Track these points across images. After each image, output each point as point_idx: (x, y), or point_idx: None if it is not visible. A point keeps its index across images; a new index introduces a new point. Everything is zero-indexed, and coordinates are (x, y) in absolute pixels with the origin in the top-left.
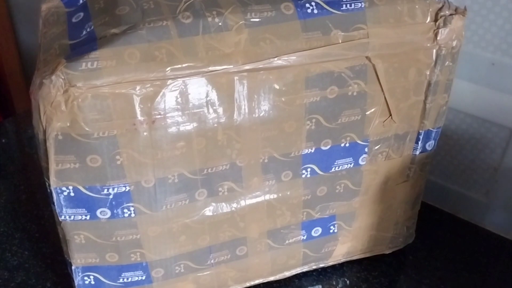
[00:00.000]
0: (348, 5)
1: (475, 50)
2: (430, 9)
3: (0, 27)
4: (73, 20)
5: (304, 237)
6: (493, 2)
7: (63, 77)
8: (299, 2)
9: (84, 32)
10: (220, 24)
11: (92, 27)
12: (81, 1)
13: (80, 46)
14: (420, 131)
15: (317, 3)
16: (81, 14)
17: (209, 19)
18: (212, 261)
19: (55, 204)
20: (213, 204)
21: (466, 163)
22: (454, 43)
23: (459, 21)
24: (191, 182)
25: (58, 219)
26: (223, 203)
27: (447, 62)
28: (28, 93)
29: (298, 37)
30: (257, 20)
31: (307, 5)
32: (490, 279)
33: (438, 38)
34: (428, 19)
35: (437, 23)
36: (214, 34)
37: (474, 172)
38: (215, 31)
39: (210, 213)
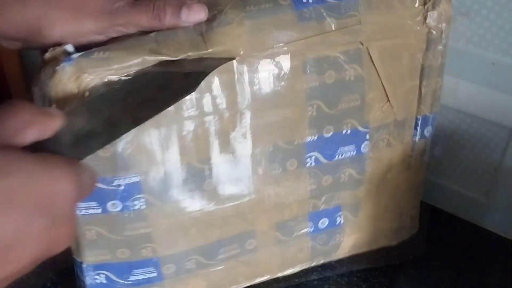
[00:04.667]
0: None
1: (475, 50)
2: None
3: None
4: None
5: (312, 229)
6: (493, 2)
7: (75, 64)
8: None
9: None
10: (221, 17)
11: None
12: None
13: None
14: (418, 116)
15: None
16: None
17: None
18: (222, 256)
19: None
20: (222, 195)
21: (466, 163)
22: (444, 27)
23: (446, 5)
24: (200, 172)
25: None
26: (231, 194)
27: (439, 46)
28: (28, 92)
29: (294, 26)
30: (256, 11)
31: None
32: (490, 279)
33: (427, 21)
34: (417, 4)
35: (425, 7)
36: (216, 27)
37: (474, 172)
38: (217, 24)
39: (219, 205)
